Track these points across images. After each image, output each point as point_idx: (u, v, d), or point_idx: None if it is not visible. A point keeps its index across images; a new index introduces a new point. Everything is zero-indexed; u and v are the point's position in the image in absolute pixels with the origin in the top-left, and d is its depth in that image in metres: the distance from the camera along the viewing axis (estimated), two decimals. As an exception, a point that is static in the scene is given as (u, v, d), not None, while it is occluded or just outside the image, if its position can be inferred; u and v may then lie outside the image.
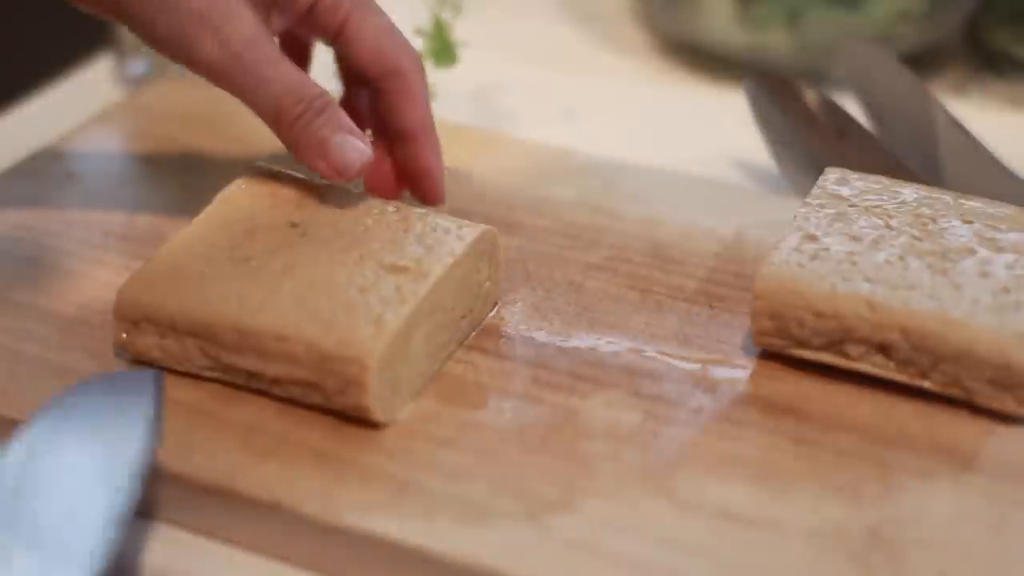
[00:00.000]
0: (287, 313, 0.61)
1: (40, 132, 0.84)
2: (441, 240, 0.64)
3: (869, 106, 0.85)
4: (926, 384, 0.62)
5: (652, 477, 0.59)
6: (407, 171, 0.69)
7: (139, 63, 0.93)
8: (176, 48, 0.64)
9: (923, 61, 0.97)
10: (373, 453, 0.60)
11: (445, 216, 0.66)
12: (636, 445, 0.60)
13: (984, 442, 0.61)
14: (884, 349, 0.62)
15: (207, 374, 0.63)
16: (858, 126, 0.78)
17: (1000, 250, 0.64)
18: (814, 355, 0.63)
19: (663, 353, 0.65)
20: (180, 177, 0.78)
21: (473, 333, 0.66)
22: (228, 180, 0.68)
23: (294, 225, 0.65)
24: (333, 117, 0.65)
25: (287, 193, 0.67)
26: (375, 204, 0.67)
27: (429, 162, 0.69)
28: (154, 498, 0.59)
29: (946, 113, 0.78)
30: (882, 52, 0.84)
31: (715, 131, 0.89)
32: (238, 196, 0.67)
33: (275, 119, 0.65)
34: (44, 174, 0.77)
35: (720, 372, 0.64)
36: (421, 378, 0.63)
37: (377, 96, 0.68)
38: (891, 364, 0.62)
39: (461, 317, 0.65)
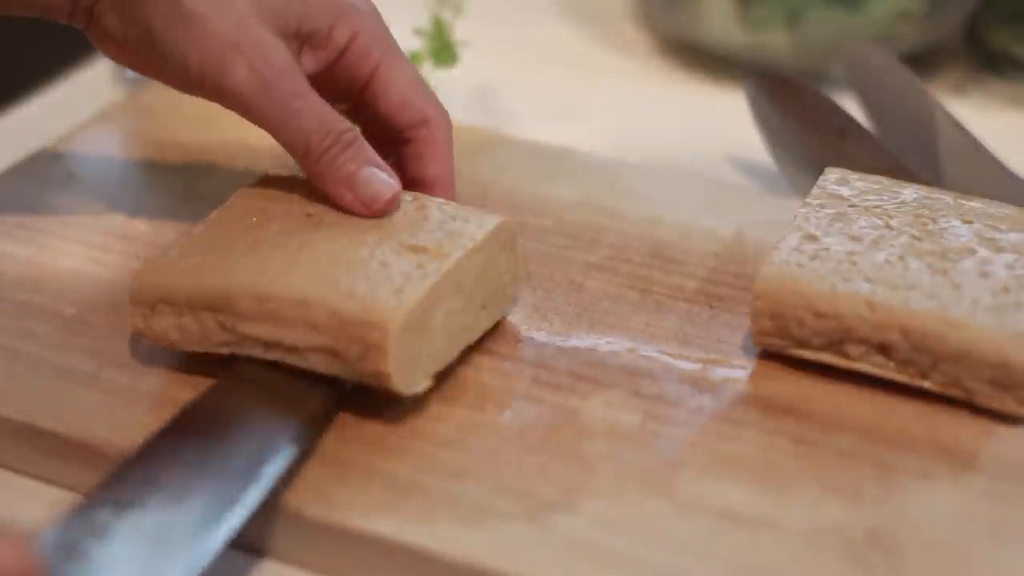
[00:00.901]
0: (307, 280, 0.61)
1: (40, 132, 0.84)
2: (461, 228, 0.64)
3: (869, 106, 0.85)
4: (926, 384, 0.62)
5: (652, 477, 0.59)
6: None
7: (139, 63, 0.93)
8: (209, 78, 0.64)
9: (923, 61, 0.97)
10: (374, 453, 0.60)
11: (464, 207, 0.66)
12: (636, 445, 0.60)
13: (984, 442, 0.61)
14: (884, 349, 0.62)
15: (224, 351, 0.62)
16: (858, 126, 0.78)
17: (1000, 250, 0.64)
18: (814, 355, 0.63)
19: (663, 353, 0.65)
20: (180, 177, 0.77)
21: (493, 327, 0.66)
22: (228, 180, 0.68)
23: (309, 215, 0.65)
24: (360, 151, 0.65)
25: (301, 191, 0.67)
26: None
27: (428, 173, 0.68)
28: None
29: (946, 113, 0.78)
30: (882, 52, 0.84)
31: (715, 131, 0.89)
32: (251, 196, 0.67)
33: (303, 152, 0.65)
34: (44, 174, 0.77)
35: (720, 372, 0.64)
36: (440, 357, 0.62)
37: (400, 146, 0.68)
38: (891, 364, 0.62)
39: (481, 307, 0.65)
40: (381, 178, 0.65)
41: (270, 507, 0.57)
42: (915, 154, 0.79)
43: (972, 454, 0.60)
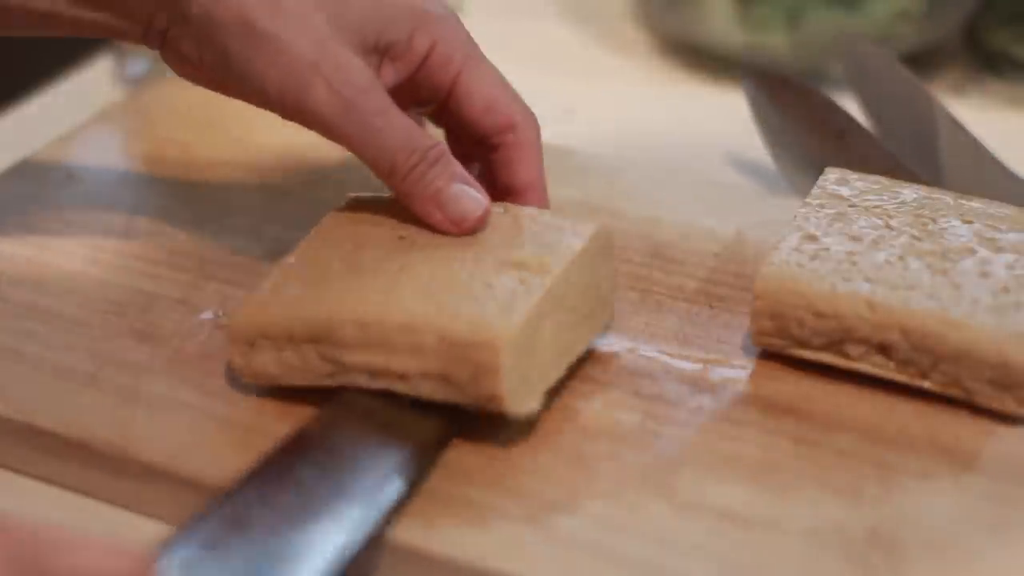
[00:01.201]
0: (411, 304, 0.59)
1: (40, 132, 0.84)
2: (557, 238, 0.63)
3: (869, 106, 0.85)
4: (926, 384, 0.62)
5: (652, 477, 0.59)
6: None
7: (139, 63, 0.93)
8: (288, 99, 0.62)
9: (923, 61, 0.97)
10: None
11: (556, 215, 0.65)
12: (636, 445, 0.60)
13: (984, 442, 0.61)
14: (884, 349, 0.62)
15: (327, 382, 0.61)
16: (858, 126, 0.78)
17: (1000, 250, 0.64)
18: (814, 355, 0.63)
19: (663, 353, 0.65)
20: (180, 177, 0.78)
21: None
22: (228, 180, 0.68)
23: (402, 238, 0.64)
24: (448, 167, 0.63)
25: (389, 213, 0.65)
26: None
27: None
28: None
29: (946, 113, 0.78)
30: (882, 52, 0.84)
31: (715, 131, 0.89)
32: (339, 221, 0.65)
33: (389, 171, 0.63)
34: (44, 174, 0.77)
35: (720, 372, 0.64)
36: (549, 374, 0.61)
37: (488, 152, 0.67)
38: (891, 364, 0.62)
39: (584, 317, 0.63)
40: (470, 195, 0.63)
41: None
42: (915, 154, 0.79)
43: (972, 454, 0.60)
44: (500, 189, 0.67)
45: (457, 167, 0.64)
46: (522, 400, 0.59)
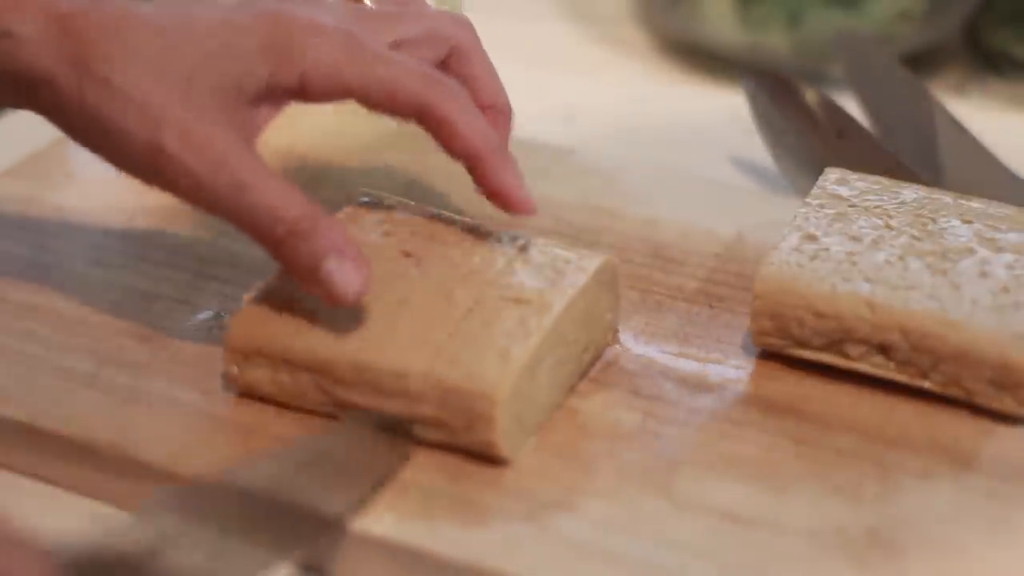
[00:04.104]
0: (408, 348, 0.59)
1: (40, 132, 0.84)
2: (561, 271, 0.63)
3: (869, 106, 0.85)
4: (926, 384, 0.62)
5: (652, 477, 0.59)
6: (485, 193, 0.64)
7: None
8: (146, 168, 0.60)
9: (923, 61, 0.97)
10: (373, 453, 0.60)
11: (564, 246, 0.65)
12: (636, 445, 0.60)
13: (984, 442, 0.61)
14: (884, 349, 0.62)
15: (321, 410, 0.61)
16: (858, 126, 0.78)
17: (1000, 250, 0.64)
18: (814, 355, 0.63)
19: (663, 353, 0.65)
20: (180, 177, 0.77)
21: (596, 365, 0.64)
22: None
23: (408, 255, 0.63)
24: (318, 240, 0.58)
25: (397, 221, 0.65)
26: (491, 233, 0.65)
27: (495, 182, 0.63)
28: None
29: (946, 113, 0.78)
30: (882, 51, 0.84)
31: (715, 131, 0.89)
32: (347, 226, 0.65)
33: (260, 241, 0.59)
34: (44, 174, 0.77)
35: (720, 372, 0.64)
36: (544, 412, 0.61)
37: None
38: (891, 364, 0.62)
39: (583, 350, 0.63)
40: (345, 271, 0.58)
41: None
42: (915, 154, 0.79)
43: (972, 454, 0.60)
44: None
45: (334, 235, 0.59)
46: (517, 443, 0.59)
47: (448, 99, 0.61)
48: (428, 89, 0.61)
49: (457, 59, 0.65)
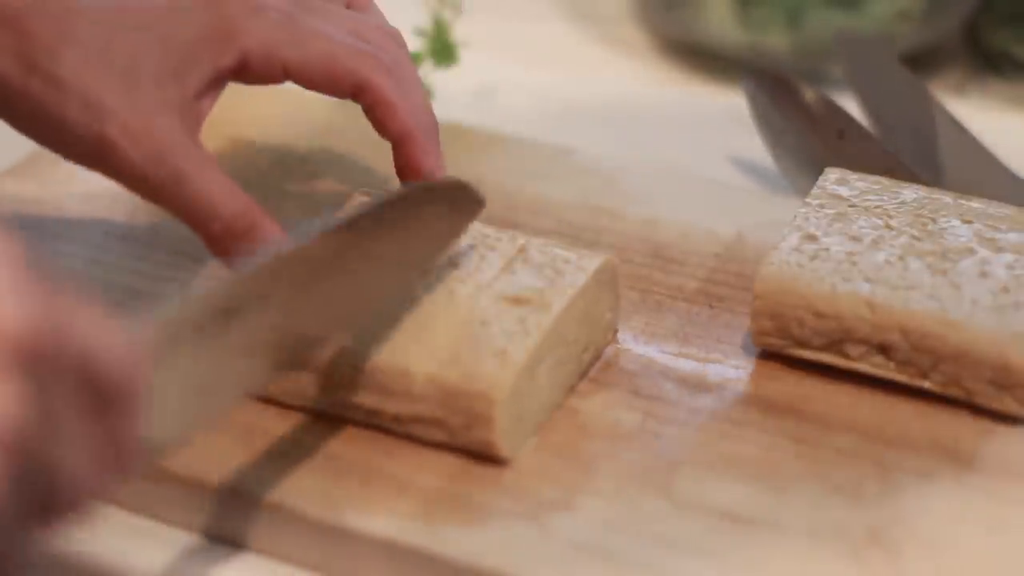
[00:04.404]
0: (407, 348, 0.59)
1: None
2: (561, 271, 0.63)
3: (869, 106, 0.85)
4: (926, 384, 0.62)
5: (652, 477, 0.59)
6: (405, 173, 0.65)
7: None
8: (90, 158, 0.61)
9: (923, 61, 0.97)
10: (373, 453, 0.60)
11: (563, 246, 0.65)
12: (636, 445, 0.60)
13: (984, 442, 0.61)
14: (884, 349, 0.62)
15: (322, 409, 0.61)
16: (858, 126, 0.78)
17: (1000, 250, 0.64)
18: (814, 355, 0.63)
19: (663, 353, 0.65)
20: (180, 177, 0.77)
21: (596, 365, 0.64)
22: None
23: None
24: (254, 240, 0.60)
25: None
26: (491, 233, 0.65)
27: (418, 164, 0.63)
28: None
29: (946, 113, 0.78)
30: (882, 51, 0.84)
31: (715, 131, 0.89)
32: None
33: (198, 234, 0.60)
34: (44, 174, 0.77)
35: (720, 372, 0.64)
36: (544, 412, 0.61)
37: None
38: (891, 364, 0.62)
39: (583, 350, 0.63)
40: None
41: (261, 502, 0.57)
42: (915, 154, 0.79)
43: (972, 454, 0.60)
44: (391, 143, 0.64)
45: (267, 237, 0.60)
46: (517, 443, 0.59)
47: (385, 76, 0.62)
48: (365, 65, 0.62)
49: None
